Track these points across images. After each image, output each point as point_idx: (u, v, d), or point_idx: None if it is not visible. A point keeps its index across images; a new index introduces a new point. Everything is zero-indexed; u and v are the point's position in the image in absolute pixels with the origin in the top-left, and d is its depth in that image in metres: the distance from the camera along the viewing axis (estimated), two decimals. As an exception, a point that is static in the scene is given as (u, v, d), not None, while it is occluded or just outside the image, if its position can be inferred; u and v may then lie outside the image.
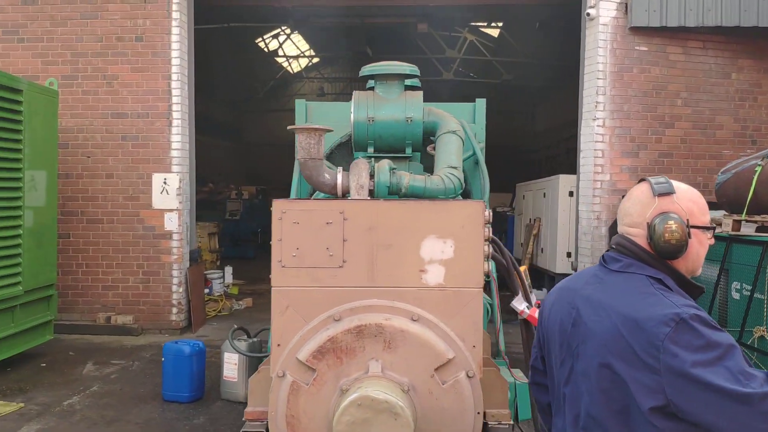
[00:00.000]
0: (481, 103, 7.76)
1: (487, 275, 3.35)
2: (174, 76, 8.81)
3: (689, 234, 1.93)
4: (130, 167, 8.86)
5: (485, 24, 19.97)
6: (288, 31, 22.20)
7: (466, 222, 2.95)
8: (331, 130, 4.89)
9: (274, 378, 2.89)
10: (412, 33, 19.35)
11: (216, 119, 23.46)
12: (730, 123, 9.16)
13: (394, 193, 4.68)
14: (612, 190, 8.82)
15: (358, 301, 2.91)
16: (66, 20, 8.82)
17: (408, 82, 5.89)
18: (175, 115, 8.82)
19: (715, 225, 2.12)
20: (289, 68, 26.63)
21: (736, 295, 5.87)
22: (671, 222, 1.91)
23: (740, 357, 1.75)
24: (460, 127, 5.29)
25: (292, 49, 25.22)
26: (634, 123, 8.90)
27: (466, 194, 7.52)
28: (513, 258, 3.93)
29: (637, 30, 8.79)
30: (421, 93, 5.40)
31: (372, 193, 4.66)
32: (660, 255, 1.95)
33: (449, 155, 5.01)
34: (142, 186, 8.85)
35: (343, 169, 4.70)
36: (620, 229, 2.07)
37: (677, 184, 2.01)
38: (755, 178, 5.98)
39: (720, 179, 6.57)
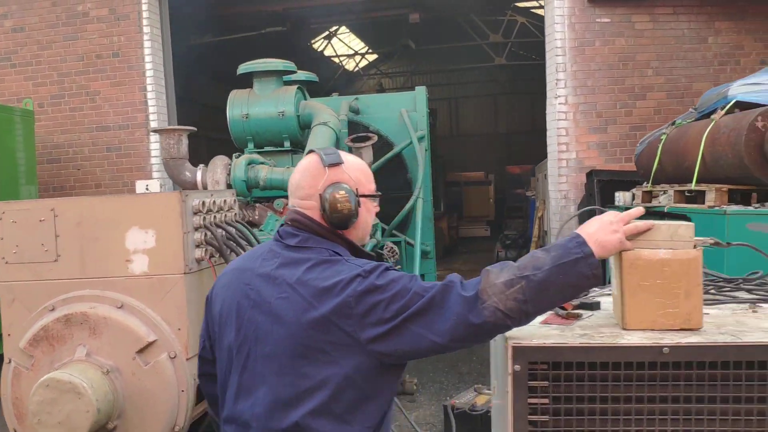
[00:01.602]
0: (420, 91, 7.81)
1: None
2: (149, 87, 9.32)
3: (359, 203, 1.98)
4: (116, 176, 9.46)
5: (536, 5, 19.59)
6: (336, 29, 22.62)
7: (165, 213, 3.12)
8: (194, 130, 5.16)
9: (4, 364, 3.19)
10: (454, 21, 19.34)
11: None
12: (709, 89, 8.68)
13: (253, 186, 4.89)
14: (579, 168, 8.58)
15: (72, 292, 3.14)
16: (51, 43, 9.51)
17: (303, 77, 6.06)
18: (152, 124, 9.32)
19: (380, 193, 2.18)
20: (346, 66, 27.00)
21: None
22: (342, 192, 1.95)
23: (422, 282, 1.83)
24: (334, 118, 5.41)
25: (344, 50, 25.64)
26: (601, 98, 8.62)
27: (408, 182, 7.59)
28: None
29: (597, 2, 8.51)
30: (294, 88, 5.57)
31: (229, 188, 4.89)
32: (333, 225, 1.97)
33: (314, 146, 5.15)
34: (128, 193, 9.42)
35: (204, 166, 4.95)
36: (293, 202, 2.05)
37: (345, 155, 2.07)
38: (660, 147, 5.75)
39: (637, 150, 6.33)
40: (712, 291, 2.26)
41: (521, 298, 1.73)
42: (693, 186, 5.10)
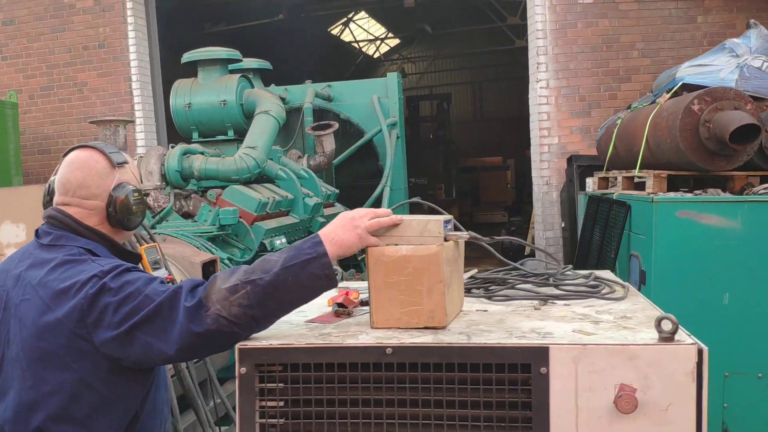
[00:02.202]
0: (392, 78, 7.72)
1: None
2: (134, 77, 9.39)
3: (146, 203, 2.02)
4: (104, 166, 9.58)
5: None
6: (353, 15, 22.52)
7: (34, 206, 3.12)
8: (132, 121, 5.16)
9: None
10: (472, 4, 19.07)
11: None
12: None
13: (188, 176, 4.89)
14: (561, 153, 8.38)
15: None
16: (39, 36, 9.65)
17: (256, 65, 6.03)
18: (137, 114, 9.40)
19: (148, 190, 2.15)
20: (367, 52, 26.87)
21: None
22: (137, 193, 1.95)
23: (158, 286, 1.78)
24: (277, 107, 5.37)
25: (364, 35, 25.51)
26: (584, 81, 8.39)
27: (380, 170, 7.51)
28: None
29: (579, -18, 8.27)
30: (236, 76, 5.53)
31: (165, 178, 4.90)
32: (121, 226, 1.95)
33: (253, 135, 5.15)
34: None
35: (141, 157, 4.96)
36: (63, 200, 1.96)
37: (126, 155, 2.08)
38: (614, 132, 5.58)
39: (598, 135, 6.15)
40: (505, 285, 2.15)
41: (246, 304, 1.67)
42: (636, 172, 4.93)
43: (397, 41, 27.03)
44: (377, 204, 7.44)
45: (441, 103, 21.42)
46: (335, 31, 23.56)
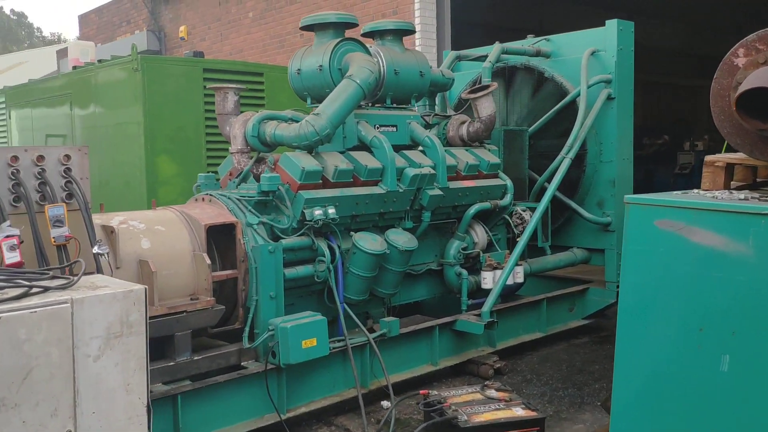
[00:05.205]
0: (611, 26, 6.50)
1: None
2: (416, 43, 9.70)
3: None
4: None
5: None
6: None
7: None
8: (243, 88, 5.65)
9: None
10: None
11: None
12: None
13: (263, 141, 5.26)
14: None
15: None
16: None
17: (392, 26, 5.89)
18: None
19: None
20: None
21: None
22: None
23: None
24: (366, 72, 5.21)
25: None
26: None
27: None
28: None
29: None
30: (337, 40, 5.47)
31: (245, 142, 5.37)
32: None
33: (325, 102, 5.17)
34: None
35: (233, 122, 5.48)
36: None
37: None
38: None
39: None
40: None
41: None
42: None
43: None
44: (580, 180, 6.47)
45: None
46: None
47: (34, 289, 2.84)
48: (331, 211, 4.93)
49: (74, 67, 9.40)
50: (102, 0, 18.25)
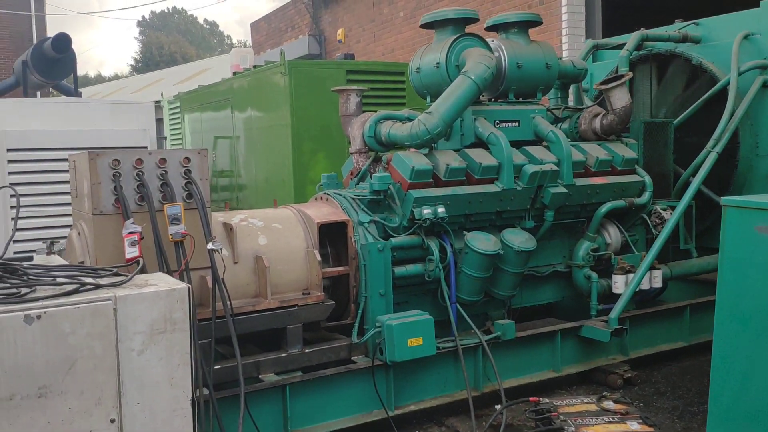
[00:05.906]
0: (765, 6, 5.86)
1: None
2: (564, 32, 9.35)
3: None
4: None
5: None
6: None
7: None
8: (365, 90, 5.77)
9: None
10: None
11: None
12: None
13: (380, 142, 5.39)
14: None
15: None
16: None
17: (515, 18, 5.77)
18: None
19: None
20: None
21: None
22: None
23: None
24: (482, 68, 5.15)
25: None
26: None
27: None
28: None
29: None
30: (454, 37, 5.42)
31: (364, 143, 5.55)
32: None
33: (439, 100, 5.21)
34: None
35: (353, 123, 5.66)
36: None
37: None
38: None
39: None
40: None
41: None
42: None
43: None
44: (732, 174, 5.86)
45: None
46: None
47: (87, 286, 3.04)
48: (441, 210, 4.86)
49: (234, 73, 10.04)
50: (272, 7, 19.33)
